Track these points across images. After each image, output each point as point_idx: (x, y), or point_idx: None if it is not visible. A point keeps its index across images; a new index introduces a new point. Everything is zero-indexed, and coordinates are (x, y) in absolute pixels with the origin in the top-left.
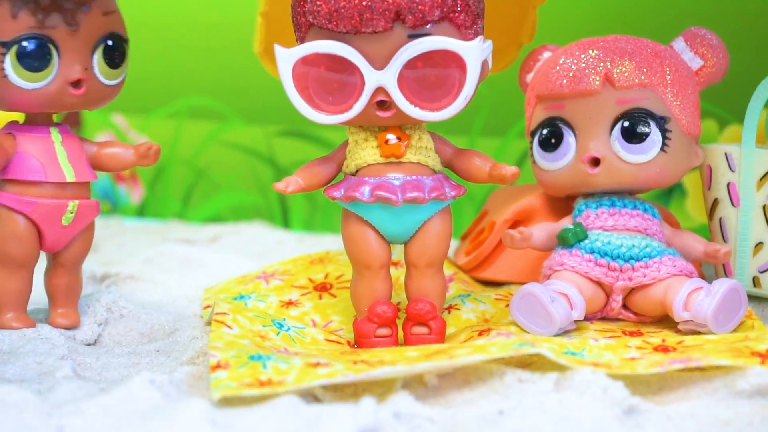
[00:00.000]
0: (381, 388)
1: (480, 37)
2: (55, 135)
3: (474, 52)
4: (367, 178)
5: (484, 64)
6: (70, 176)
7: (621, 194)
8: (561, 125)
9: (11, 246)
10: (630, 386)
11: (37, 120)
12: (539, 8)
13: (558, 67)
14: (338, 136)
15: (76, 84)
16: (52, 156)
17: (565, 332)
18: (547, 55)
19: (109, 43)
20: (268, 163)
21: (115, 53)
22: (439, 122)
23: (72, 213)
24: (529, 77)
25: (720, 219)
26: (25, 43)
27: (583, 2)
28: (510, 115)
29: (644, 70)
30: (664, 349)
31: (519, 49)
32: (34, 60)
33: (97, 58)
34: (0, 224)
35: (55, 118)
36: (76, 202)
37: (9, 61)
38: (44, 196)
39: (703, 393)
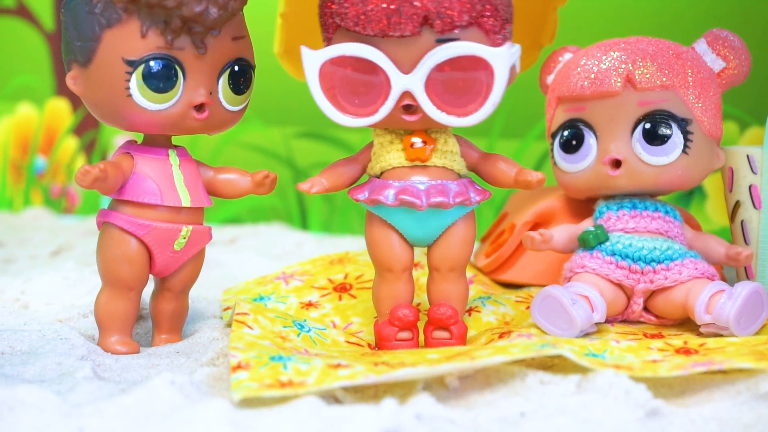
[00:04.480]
0: (402, 390)
1: (508, 43)
2: (173, 158)
3: (502, 58)
4: (391, 182)
5: (513, 68)
6: (185, 201)
7: (642, 196)
8: (582, 127)
9: (121, 268)
10: (652, 388)
11: (156, 141)
12: (560, 9)
13: (579, 69)
14: (356, 138)
15: (200, 108)
16: (169, 179)
17: (585, 335)
18: (567, 56)
19: (236, 68)
20: (287, 164)
21: (241, 79)
22: None
23: (185, 238)
24: (550, 79)
25: (742, 221)
26: (151, 63)
27: (604, 4)
28: (530, 116)
29: (666, 71)
30: (686, 351)
31: (539, 51)
32: (160, 81)
33: (222, 82)
34: (112, 246)
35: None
36: (190, 227)
37: (134, 81)
38: (158, 220)
39: (725, 396)
